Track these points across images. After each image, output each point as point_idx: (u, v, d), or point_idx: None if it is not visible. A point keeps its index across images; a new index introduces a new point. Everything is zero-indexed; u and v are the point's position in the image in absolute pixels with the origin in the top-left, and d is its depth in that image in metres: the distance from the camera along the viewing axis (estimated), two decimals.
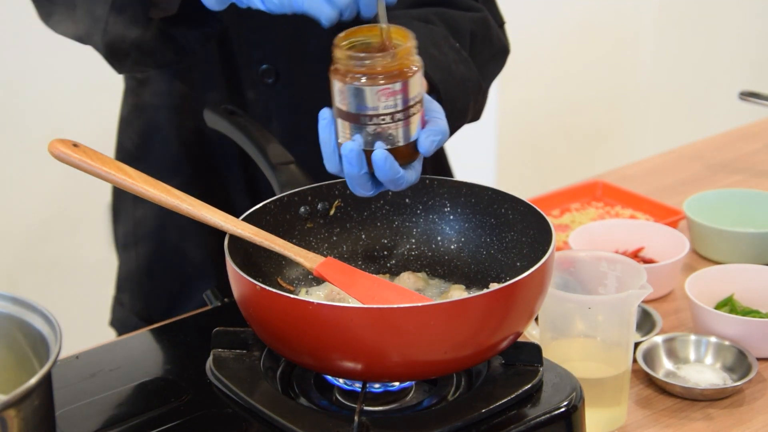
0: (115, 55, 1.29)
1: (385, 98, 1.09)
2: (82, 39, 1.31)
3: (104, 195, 1.66)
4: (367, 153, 1.11)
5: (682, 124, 3.62)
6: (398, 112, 1.10)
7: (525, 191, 1.42)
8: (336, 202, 1.27)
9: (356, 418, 1.04)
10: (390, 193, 1.27)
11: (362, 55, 1.08)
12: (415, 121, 1.11)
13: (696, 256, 1.64)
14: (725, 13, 3.62)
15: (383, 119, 1.10)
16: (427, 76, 1.27)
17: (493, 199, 1.24)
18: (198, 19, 1.27)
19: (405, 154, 1.12)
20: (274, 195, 1.24)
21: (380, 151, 1.10)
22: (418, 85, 1.10)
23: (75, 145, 1.11)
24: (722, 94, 3.48)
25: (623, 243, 1.61)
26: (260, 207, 1.21)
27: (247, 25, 1.47)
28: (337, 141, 1.12)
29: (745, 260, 1.58)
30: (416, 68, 1.10)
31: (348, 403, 1.12)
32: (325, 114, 1.14)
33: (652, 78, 3.54)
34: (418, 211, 1.28)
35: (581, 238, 1.59)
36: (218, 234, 1.14)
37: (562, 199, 1.83)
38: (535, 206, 1.20)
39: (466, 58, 1.36)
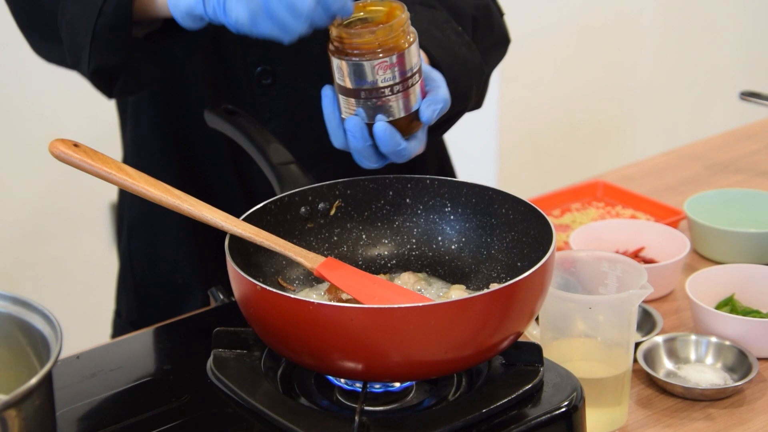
0: (102, 81, 1.28)
1: (383, 71, 1.10)
2: (72, 67, 1.30)
3: (104, 195, 1.66)
4: (370, 126, 1.13)
5: (682, 124, 3.62)
6: (397, 84, 1.11)
7: (525, 191, 1.42)
8: (336, 202, 1.27)
9: (357, 418, 1.04)
10: (390, 192, 1.27)
11: (357, 31, 1.09)
12: (415, 91, 1.13)
13: (696, 256, 1.64)
14: (725, 13, 3.62)
15: (382, 92, 1.11)
16: (429, 55, 1.28)
17: (494, 199, 1.24)
18: (182, 31, 1.25)
19: (407, 124, 1.14)
20: (270, 196, 1.24)
21: (381, 123, 1.12)
22: (414, 56, 1.12)
23: (76, 145, 1.11)
24: (722, 94, 3.48)
25: (624, 243, 1.61)
26: (261, 207, 1.21)
27: None
28: (341, 116, 1.14)
29: (746, 260, 1.58)
30: (412, 39, 1.11)
31: (349, 403, 1.12)
32: (327, 91, 1.15)
33: (652, 78, 3.54)
34: (419, 211, 1.28)
35: (582, 238, 1.59)
36: (213, 242, 1.14)
37: (562, 199, 1.83)
38: (535, 206, 1.20)
39: (469, 42, 1.37)
